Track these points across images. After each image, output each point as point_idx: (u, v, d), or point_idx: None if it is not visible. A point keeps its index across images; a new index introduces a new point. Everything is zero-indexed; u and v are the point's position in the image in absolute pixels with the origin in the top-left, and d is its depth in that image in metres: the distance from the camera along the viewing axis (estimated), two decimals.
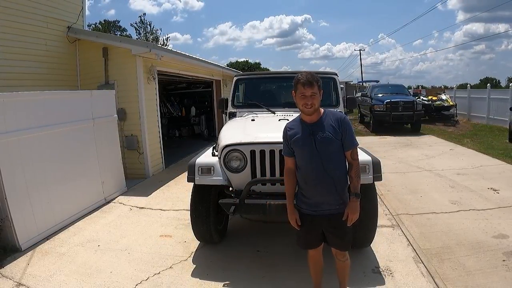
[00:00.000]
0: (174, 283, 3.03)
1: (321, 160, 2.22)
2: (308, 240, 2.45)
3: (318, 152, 2.22)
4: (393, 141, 10.78)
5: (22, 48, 5.92)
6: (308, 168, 2.27)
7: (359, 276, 3.02)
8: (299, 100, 2.25)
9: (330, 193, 2.27)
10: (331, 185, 2.25)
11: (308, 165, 2.27)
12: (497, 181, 5.83)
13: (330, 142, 2.24)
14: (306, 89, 2.19)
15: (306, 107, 2.22)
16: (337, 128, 2.25)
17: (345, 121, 2.29)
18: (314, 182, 2.27)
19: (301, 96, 2.22)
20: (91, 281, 3.09)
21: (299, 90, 2.23)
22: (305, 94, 2.20)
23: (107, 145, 5.47)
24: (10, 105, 3.75)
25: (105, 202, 5.26)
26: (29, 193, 3.90)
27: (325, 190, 2.26)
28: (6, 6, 5.59)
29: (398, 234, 3.91)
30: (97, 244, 3.85)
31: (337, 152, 2.28)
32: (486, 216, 4.33)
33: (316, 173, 2.24)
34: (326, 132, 2.23)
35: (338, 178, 2.28)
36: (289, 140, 2.32)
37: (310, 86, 2.20)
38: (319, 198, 2.29)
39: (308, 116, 2.27)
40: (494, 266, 3.16)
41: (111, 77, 6.75)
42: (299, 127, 2.32)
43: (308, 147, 2.24)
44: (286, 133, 2.37)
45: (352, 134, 2.31)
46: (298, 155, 2.32)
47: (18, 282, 3.08)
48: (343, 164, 2.32)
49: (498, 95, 13.43)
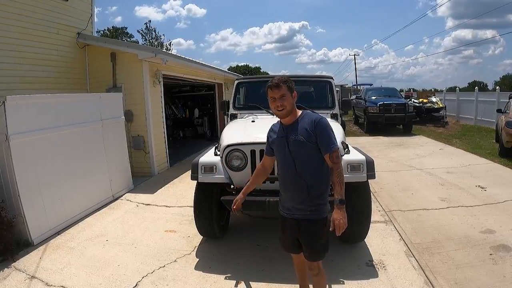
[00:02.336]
0: (178, 276, 3.03)
1: (294, 163, 2.07)
2: (286, 242, 2.31)
3: (291, 154, 2.08)
4: (386, 141, 10.77)
5: (34, 53, 5.93)
6: (282, 170, 2.17)
7: (353, 269, 3.03)
8: (271, 103, 2.13)
9: (301, 197, 2.08)
10: (304, 189, 2.06)
11: (282, 167, 2.16)
12: (485, 179, 5.83)
13: (301, 145, 2.05)
14: (274, 92, 2.08)
15: (277, 109, 2.10)
16: (310, 131, 2.05)
17: (319, 123, 2.06)
18: (286, 184, 2.15)
19: (271, 100, 2.12)
20: (100, 273, 3.09)
21: (269, 95, 2.12)
22: (274, 97, 2.09)
23: (115, 145, 5.47)
24: (23, 107, 3.75)
25: (113, 199, 5.26)
26: (41, 190, 3.90)
27: (296, 194, 2.10)
28: (20, 13, 5.59)
29: (390, 230, 3.90)
30: (105, 239, 3.85)
31: (311, 155, 2.06)
32: (474, 212, 4.33)
33: (289, 176, 2.11)
34: (298, 135, 2.07)
35: (311, 182, 2.06)
36: (269, 141, 2.26)
37: (277, 88, 2.08)
38: (290, 201, 2.15)
39: (282, 118, 2.15)
40: (482, 260, 3.16)
41: (119, 81, 6.75)
42: (277, 129, 2.22)
43: (282, 149, 2.14)
44: (269, 134, 2.29)
45: (329, 136, 2.06)
46: (275, 157, 2.26)
47: (31, 275, 3.08)
48: (319, 168, 2.08)
49: (485, 98, 13.42)
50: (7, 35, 5.41)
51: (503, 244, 3.43)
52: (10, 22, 5.43)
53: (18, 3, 5.57)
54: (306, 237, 2.14)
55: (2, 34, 5.33)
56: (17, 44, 5.57)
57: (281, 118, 2.15)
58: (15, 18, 5.52)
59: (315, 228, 2.11)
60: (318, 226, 2.11)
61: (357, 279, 2.86)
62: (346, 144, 3.30)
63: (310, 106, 4.38)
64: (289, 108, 2.09)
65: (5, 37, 5.37)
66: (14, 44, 5.53)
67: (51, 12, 6.25)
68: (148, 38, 30.12)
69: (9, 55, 5.44)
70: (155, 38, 30.27)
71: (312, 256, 2.18)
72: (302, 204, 2.09)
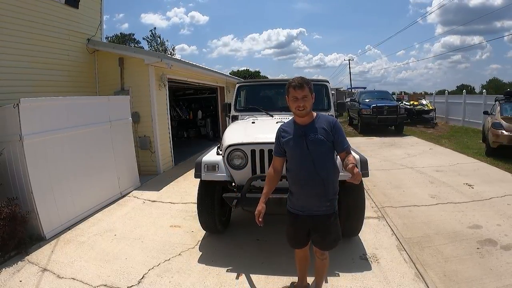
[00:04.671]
0: (182, 268, 3.02)
1: (312, 160, 2.08)
2: (296, 239, 2.32)
3: (310, 152, 2.08)
4: (379, 141, 10.76)
5: (47, 58, 5.92)
6: (298, 168, 2.13)
7: (348, 262, 3.03)
8: (292, 103, 2.13)
9: (318, 194, 2.12)
10: (321, 185, 2.10)
11: (298, 165, 2.13)
12: (472, 177, 5.83)
13: (321, 143, 2.10)
14: (298, 92, 2.08)
15: (298, 109, 2.10)
16: (329, 131, 2.12)
17: (336, 124, 2.17)
18: (303, 182, 2.12)
19: (293, 99, 2.11)
20: (109, 266, 3.09)
21: (291, 94, 2.11)
22: (296, 97, 2.09)
23: (122, 145, 5.46)
24: (35, 109, 3.75)
25: (120, 196, 5.26)
26: (53, 188, 3.90)
27: (314, 191, 2.11)
28: (33, 20, 5.59)
29: (383, 225, 3.90)
30: (114, 234, 3.85)
31: (327, 154, 2.14)
32: (462, 209, 4.33)
33: (306, 173, 2.09)
34: (318, 134, 2.10)
35: (327, 178, 2.12)
36: (281, 140, 2.19)
37: (301, 88, 2.08)
38: (306, 198, 2.15)
39: (301, 118, 2.15)
40: (469, 254, 3.16)
41: (126, 84, 6.75)
42: (292, 128, 2.18)
43: (299, 148, 2.11)
44: (280, 134, 2.23)
45: (344, 136, 2.17)
46: (289, 156, 2.19)
47: (43, 267, 3.08)
48: (332, 166, 2.17)
49: (472, 100, 13.40)
50: (21, 41, 5.40)
51: (490, 239, 3.43)
52: (24, 29, 5.43)
53: (32, 11, 5.56)
54: (322, 230, 2.20)
55: (17, 40, 5.33)
56: (30, 50, 5.57)
57: (300, 117, 2.14)
58: (29, 25, 5.52)
59: (330, 221, 2.18)
60: (332, 219, 2.19)
61: (351, 272, 2.87)
62: None
63: None
64: (309, 109, 2.12)
65: (19, 43, 5.37)
66: (28, 50, 5.52)
67: (63, 19, 6.24)
68: (153, 44, 30.10)
69: (23, 60, 5.44)
70: (160, 44, 30.25)
71: (327, 247, 2.29)
72: (319, 200, 2.13)
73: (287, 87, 2.14)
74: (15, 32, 5.29)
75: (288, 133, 2.18)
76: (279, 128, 2.27)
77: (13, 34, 5.27)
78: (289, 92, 2.12)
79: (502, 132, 7.17)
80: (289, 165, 2.22)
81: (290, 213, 2.24)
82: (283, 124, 2.28)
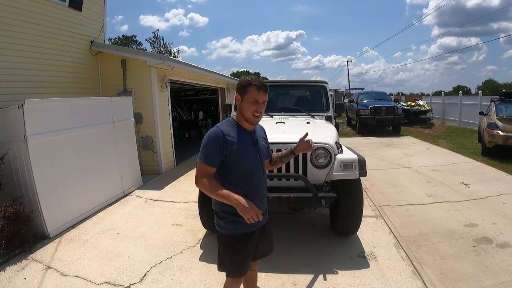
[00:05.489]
0: (184, 266, 3.02)
1: (262, 169, 1.88)
2: (247, 264, 1.88)
3: (261, 161, 1.87)
4: (377, 141, 10.76)
5: (51, 59, 5.92)
6: (252, 178, 1.80)
7: (346, 260, 3.02)
8: (248, 105, 1.73)
9: (265, 202, 1.92)
10: (265, 193, 1.93)
11: (251, 176, 1.79)
12: (468, 177, 5.82)
13: (266, 150, 1.96)
14: (261, 95, 1.72)
15: (255, 114, 1.74)
16: (265, 137, 2.01)
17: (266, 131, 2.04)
18: (256, 194, 1.80)
19: (252, 101, 1.72)
20: (111, 264, 3.09)
21: (251, 94, 1.72)
22: (258, 100, 1.73)
23: (125, 145, 5.46)
24: (40, 110, 3.75)
25: (123, 195, 5.26)
26: (57, 187, 3.90)
27: (263, 199, 1.88)
28: (37, 23, 5.59)
29: (381, 223, 3.90)
30: (117, 232, 3.85)
31: None
32: (458, 207, 4.33)
33: (258, 183, 1.83)
34: (263, 141, 1.93)
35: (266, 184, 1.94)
36: (229, 147, 1.71)
37: (265, 92, 1.74)
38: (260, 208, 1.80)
39: (250, 124, 1.80)
40: (465, 251, 3.15)
41: (129, 85, 6.74)
42: (238, 134, 1.76)
43: (253, 157, 1.80)
44: (225, 139, 1.71)
45: None
46: (238, 166, 1.75)
47: (47, 265, 3.08)
48: None
49: (469, 101, 13.39)
50: (26, 43, 5.41)
51: (485, 237, 3.43)
52: (28, 31, 5.43)
53: (36, 13, 5.57)
54: (269, 234, 2.01)
55: (21, 42, 5.33)
56: (34, 52, 5.57)
57: (252, 124, 1.81)
58: (33, 27, 5.52)
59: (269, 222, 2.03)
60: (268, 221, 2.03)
61: (349, 269, 2.86)
62: (340, 144, 3.29)
63: (306, 109, 4.44)
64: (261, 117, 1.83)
65: (23, 45, 5.37)
66: (32, 52, 5.53)
67: (66, 22, 6.24)
68: (156, 46, 30.06)
69: (27, 62, 5.44)
70: (163, 46, 30.21)
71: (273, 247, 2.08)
72: (266, 208, 1.95)
73: (246, 85, 1.74)
74: (19, 35, 5.30)
75: (237, 140, 1.74)
76: (220, 130, 1.74)
77: (18, 37, 5.28)
78: (249, 92, 1.73)
79: (497, 132, 7.17)
80: (232, 176, 1.76)
81: (241, 235, 1.79)
82: (224, 127, 1.77)
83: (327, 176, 3.07)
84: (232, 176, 1.76)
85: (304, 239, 3.51)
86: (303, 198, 2.95)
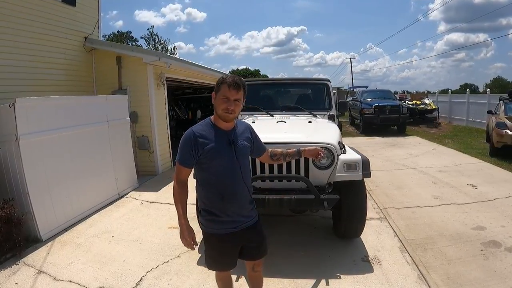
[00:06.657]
0: (181, 271, 3.02)
1: (240, 169, 1.85)
2: (224, 261, 1.99)
3: (238, 161, 1.84)
4: (381, 141, 10.76)
5: (43, 56, 5.92)
6: (226, 180, 1.83)
7: (349, 264, 3.02)
8: (220, 102, 1.78)
9: (247, 204, 1.92)
10: (248, 194, 1.91)
11: (226, 177, 1.82)
12: (476, 178, 5.82)
13: (247, 150, 1.94)
14: (232, 92, 1.76)
15: (226, 112, 1.77)
16: (251, 137, 2.00)
17: (253, 129, 2.05)
18: (233, 195, 1.84)
19: (223, 99, 1.77)
20: (106, 268, 3.08)
21: (222, 92, 1.78)
22: (228, 98, 1.76)
23: (120, 145, 5.46)
24: (32, 109, 3.74)
25: (118, 197, 5.25)
26: (50, 188, 3.90)
27: (244, 201, 1.90)
28: (29, 19, 5.59)
29: (385, 226, 3.90)
30: (111, 235, 3.84)
31: (248, 160, 1.97)
32: (466, 210, 4.33)
33: (236, 184, 1.84)
34: (243, 141, 1.91)
35: (250, 185, 1.94)
36: (200, 148, 1.78)
37: (236, 89, 1.76)
38: (238, 211, 1.88)
39: (225, 122, 1.84)
40: (473, 255, 3.15)
41: (124, 83, 6.74)
42: (212, 134, 1.82)
43: (227, 157, 1.81)
44: (196, 141, 1.78)
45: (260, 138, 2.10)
46: (211, 167, 1.82)
47: (39, 269, 3.08)
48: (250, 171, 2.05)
49: (476, 100, 13.39)
50: (17, 39, 5.40)
51: (494, 240, 3.43)
52: (20, 27, 5.42)
53: (28, 8, 5.56)
54: (258, 237, 2.01)
55: (13, 38, 5.33)
56: (26, 48, 5.57)
57: (226, 122, 1.83)
58: (25, 23, 5.51)
59: (260, 225, 2.04)
60: (260, 222, 2.04)
61: (353, 274, 2.86)
62: (343, 144, 3.29)
63: (308, 107, 4.44)
64: (237, 114, 1.86)
65: (15, 41, 5.37)
66: (24, 48, 5.52)
67: (60, 17, 6.24)
68: (151, 43, 30.06)
69: (19, 59, 5.43)
70: (158, 42, 30.22)
71: (264, 251, 2.08)
72: (249, 210, 1.95)
73: (219, 83, 1.81)
74: (10, 31, 5.29)
75: (210, 140, 1.80)
76: (191, 132, 1.83)
77: (9, 33, 5.27)
78: (220, 89, 1.79)
79: (506, 132, 7.16)
80: (208, 178, 1.86)
81: (218, 234, 1.89)
82: (197, 128, 1.85)
83: (330, 177, 3.07)
84: (207, 176, 1.86)
85: (306, 242, 3.51)
86: (305, 200, 2.94)
